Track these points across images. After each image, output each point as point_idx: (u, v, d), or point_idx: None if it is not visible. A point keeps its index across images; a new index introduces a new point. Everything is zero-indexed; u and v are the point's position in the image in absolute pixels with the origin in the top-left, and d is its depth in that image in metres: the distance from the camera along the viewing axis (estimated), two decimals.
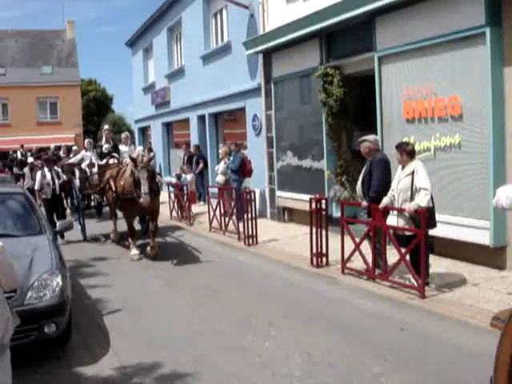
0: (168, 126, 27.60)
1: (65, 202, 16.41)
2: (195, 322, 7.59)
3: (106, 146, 16.99)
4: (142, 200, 10.72)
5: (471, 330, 6.71)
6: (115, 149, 16.65)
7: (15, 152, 32.12)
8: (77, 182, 15.56)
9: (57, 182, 14.32)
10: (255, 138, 17.49)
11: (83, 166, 16.22)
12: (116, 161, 15.07)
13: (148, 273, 10.61)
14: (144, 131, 32.29)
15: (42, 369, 6.09)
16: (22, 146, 31.95)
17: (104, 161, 15.62)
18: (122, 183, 12.03)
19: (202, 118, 22.05)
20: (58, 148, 27.23)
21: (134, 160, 11.10)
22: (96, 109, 60.08)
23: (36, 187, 14.44)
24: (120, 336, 7.07)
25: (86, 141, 18.04)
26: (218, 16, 20.70)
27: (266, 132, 16.54)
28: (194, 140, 22.57)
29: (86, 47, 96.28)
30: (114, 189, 12.44)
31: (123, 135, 17.85)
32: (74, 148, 24.69)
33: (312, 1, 13.62)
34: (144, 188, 10.73)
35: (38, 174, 14.56)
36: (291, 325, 7.26)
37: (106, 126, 18.68)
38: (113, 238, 14.05)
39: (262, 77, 16.53)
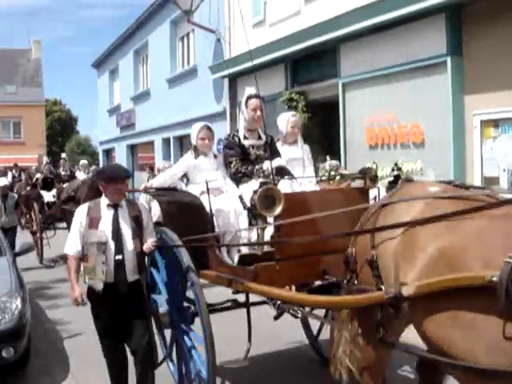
0: (132, 149, 27.47)
1: None
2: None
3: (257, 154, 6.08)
4: None
5: None
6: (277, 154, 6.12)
7: (5, 173, 23.74)
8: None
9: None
10: None
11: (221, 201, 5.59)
12: None
13: None
14: (109, 153, 32.06)
15: None
16: (16, 166, 24.91)
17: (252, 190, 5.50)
18: None
19: (166, 141, 22.00)
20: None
21: None
22: (60, 130, 59.61)
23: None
24: (80, 360, 6.92)
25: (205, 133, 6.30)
26: (185, 40, 20.81)
27: None
28: (159, 163, 22.45)
29: (52, 67, 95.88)
30: None
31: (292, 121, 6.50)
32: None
33: (278, 27, 13.81)
34: None
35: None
36: None
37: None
38: None
39: (227, 101, 16.62)
